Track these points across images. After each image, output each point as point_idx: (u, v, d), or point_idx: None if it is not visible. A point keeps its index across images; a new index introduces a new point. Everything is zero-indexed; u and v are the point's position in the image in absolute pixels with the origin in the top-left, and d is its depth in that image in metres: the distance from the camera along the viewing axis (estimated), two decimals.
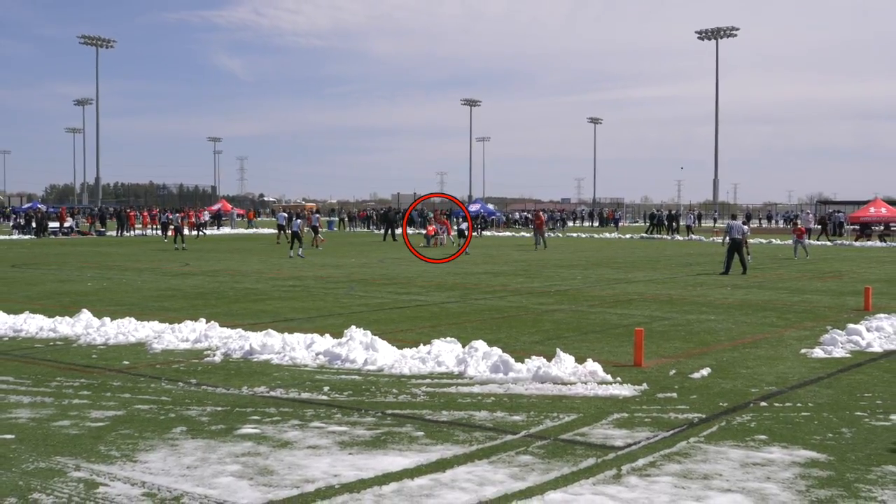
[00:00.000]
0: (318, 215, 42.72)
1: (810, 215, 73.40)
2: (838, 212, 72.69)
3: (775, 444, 8.05)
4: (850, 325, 14.25)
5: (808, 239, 42.50)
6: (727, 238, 28.49)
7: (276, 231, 34.56)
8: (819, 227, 59.40)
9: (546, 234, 42.85)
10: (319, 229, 46.11)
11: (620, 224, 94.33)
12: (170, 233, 50.18)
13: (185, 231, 51.52)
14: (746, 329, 15.47)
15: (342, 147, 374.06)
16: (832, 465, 7.34)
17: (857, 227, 61.02)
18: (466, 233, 43.06)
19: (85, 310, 16.08)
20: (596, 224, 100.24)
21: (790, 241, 40.56)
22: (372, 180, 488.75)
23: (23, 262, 34.35)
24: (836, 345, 13.14)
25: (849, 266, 31.80)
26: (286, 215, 41.62)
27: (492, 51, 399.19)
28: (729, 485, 6.87)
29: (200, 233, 61.54)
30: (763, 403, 9.72)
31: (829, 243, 51.52)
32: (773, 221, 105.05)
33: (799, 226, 40.00)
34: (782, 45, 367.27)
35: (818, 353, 12.88)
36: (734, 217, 42.41)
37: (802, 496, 6.57)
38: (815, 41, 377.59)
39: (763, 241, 54.58)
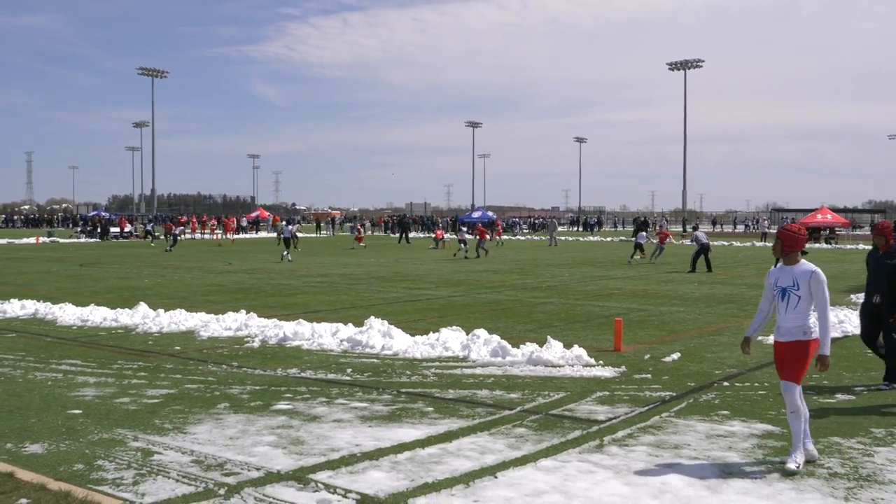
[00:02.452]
0: (291, 227, 39.09)
1: (766, 221, 73.18)
2: (793, 219, 72.51)
3: (736, 418, 8.02)
4: None
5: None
6: (693, 243, 29.10)
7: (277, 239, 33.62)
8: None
9: (486, 243, 39.30)
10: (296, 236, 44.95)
11: (603, 228, 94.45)
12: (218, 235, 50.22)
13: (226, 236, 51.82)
14: (711, 319, 15.42)
15: (362, 162, 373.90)
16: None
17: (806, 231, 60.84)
18: (466, 238, 40.25)
19: (142, 303, 16.08)
20: (580, 229, 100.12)
21: (750, 244, 40.36)
22: (388, 191, 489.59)
23: (89, 261, 34.38)
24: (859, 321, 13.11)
25: None
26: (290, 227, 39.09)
27: (490, 81, 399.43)
28: (696, 453, 6.84)
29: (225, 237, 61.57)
30: (725, 383, 9.68)
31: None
32: (734, 227, 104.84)
33: (664, 230, 40.77)
34: (740, 74, 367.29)
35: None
36: (696, 228, 42.43)
37: (760, 463, 6.54)
38: (767, 72, 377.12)
39: (725, 243, 54.44)
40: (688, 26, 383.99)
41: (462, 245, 38.66)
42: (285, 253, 34.23)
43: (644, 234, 35.87)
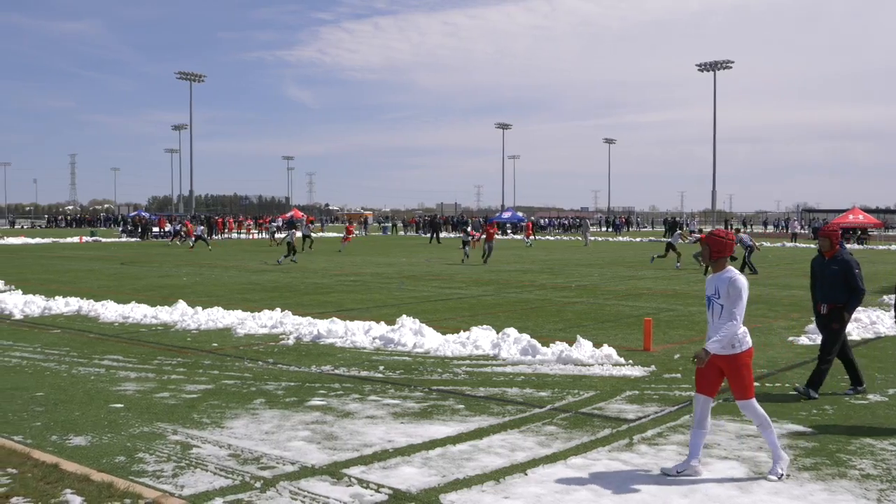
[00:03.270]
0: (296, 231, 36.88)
1: (796, 222, 72.35)
2: (824, 220, 71.64)
3: None
4: None
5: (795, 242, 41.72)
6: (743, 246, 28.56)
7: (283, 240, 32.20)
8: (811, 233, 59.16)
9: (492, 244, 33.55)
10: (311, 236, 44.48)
11: (631, 229, 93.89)
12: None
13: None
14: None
15: (394, 164, 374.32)
16: (816, 438, 7.22)
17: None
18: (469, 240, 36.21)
19: (181, 300, 16.25)
20: (608, 229, 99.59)
21: (780, 245, 39.82)
22: (419, 192, 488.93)
23: (130, 260, 34.81)
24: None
25: None
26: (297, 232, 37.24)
27: (520, 82, 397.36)
28: (726, 453, 6.78)
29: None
30: (756, 384, 9.56)
31: (814, 246, 50.76)
32: (765, 228, 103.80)
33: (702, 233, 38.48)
34: (768, 74, 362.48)
35: (804, 340, 12.67)
36: (738, 231, 41.68)
37: (790, 464, 6.46)
38: (797, 72, 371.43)
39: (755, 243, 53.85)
40: (715, 27, 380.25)
41: (464, 247, 34.69)
42: (292, 257, 31.91)
43: (678, 233, 35.16)
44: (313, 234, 51.89)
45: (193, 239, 45.67)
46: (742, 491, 5.84)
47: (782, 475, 6.09)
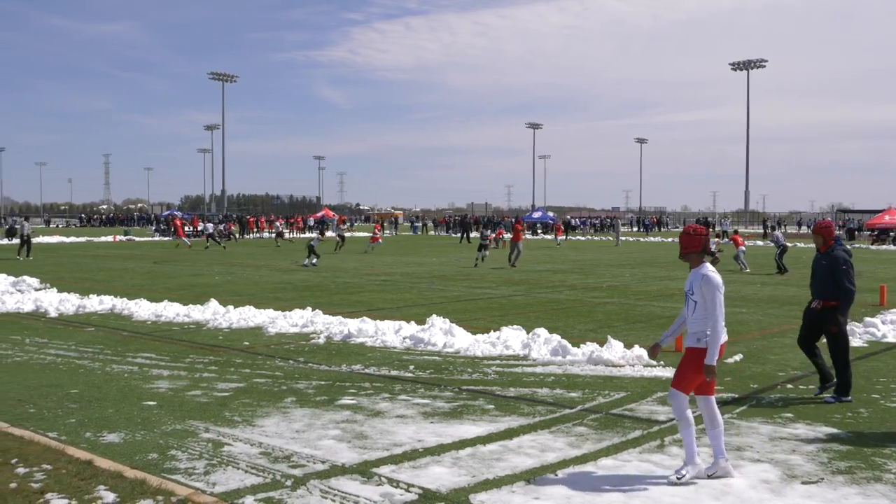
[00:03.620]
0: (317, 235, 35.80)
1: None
2: (859, 221, 70.59)
3: (800, 421, 7.83)
4: (867, 319, 13.80)
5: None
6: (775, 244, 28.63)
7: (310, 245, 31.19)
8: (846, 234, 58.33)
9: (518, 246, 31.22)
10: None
11: (663, 229, 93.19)
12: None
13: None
14: (774, 321, 15.08)
15: (424, 163, 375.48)
16: (851, 441, 7.11)
17: (873, 232, 59.16)
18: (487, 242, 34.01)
19: (213, 299, 16.39)
20: (639, 229, 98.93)
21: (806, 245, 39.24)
22: (449, 191, 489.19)
23: (163, 259, 35.18)
24: (855, 335, 12.71)
25: (866, 266, 30.77)
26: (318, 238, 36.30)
27: (551, 82, 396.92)
28: (759, 455, 6.70)
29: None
30: (789, 386, 9.46)
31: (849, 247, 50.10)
32: (799, 228, 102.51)
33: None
34: (802, 73, 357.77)
35: None
36: (774, 228, 41.06)
37: (825, 467, 6.37)
38: (833, 71, 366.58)
39: (789, 244, 53.26)
40: (749, 25, 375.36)
41: (481, 251, 32.43)
42: (310, 260, 30.32)
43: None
44: (346, 234, 52.03)
45: (188, 240, 46.09)
46: (775, 494, 5.77)
47: (682, 477, 5.97)
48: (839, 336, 8.72)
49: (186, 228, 56.66)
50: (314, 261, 30.47)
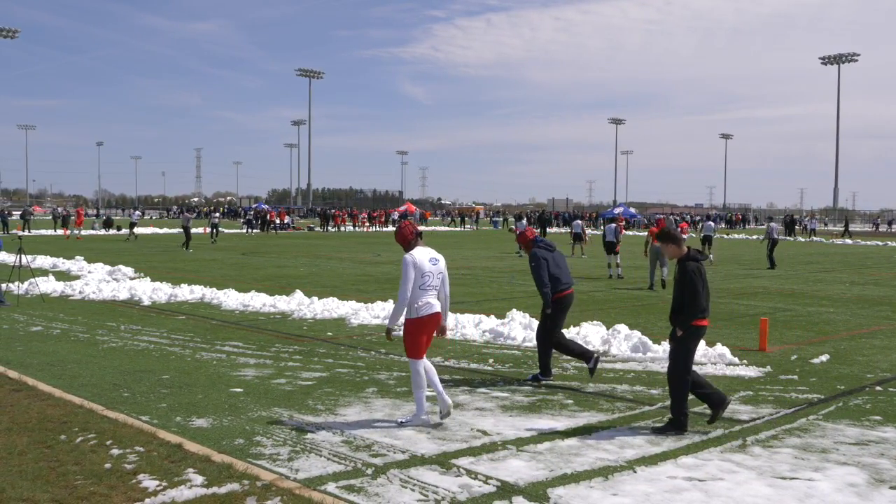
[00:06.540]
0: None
1: None
2: None
3: (889, 424, 7.54)
4: None
5: None
6: (767, 238, 28.27)
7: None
8: None
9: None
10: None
11: (748, 226, 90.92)
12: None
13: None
14: (863, 321, 14.55)
15: (505, 159, 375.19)
16: None
17: None
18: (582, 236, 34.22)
19: (298, 290, 16.69)
20: (724, 226, 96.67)
21: None
22: (530, 187, 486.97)
23: (250, 251, 35.99)
24: None
25: None
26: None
27: (633, 77, 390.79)
28: (846, 459, 6.48)
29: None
30: (878, 388, 9.11)
31: None
32: (889, 227, 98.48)
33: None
34: (894, 67, 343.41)
35: None
36: (771, 219, 39.02)
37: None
38: None
39: (879, 243, 51.41)
40: (838, 18, 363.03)
41: (576, 242, 33.20)
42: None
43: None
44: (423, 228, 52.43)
45: (271, 226, 45.69)
46: (861, 498, 5.57)
47: (402, 423, 7.26)
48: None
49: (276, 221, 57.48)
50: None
